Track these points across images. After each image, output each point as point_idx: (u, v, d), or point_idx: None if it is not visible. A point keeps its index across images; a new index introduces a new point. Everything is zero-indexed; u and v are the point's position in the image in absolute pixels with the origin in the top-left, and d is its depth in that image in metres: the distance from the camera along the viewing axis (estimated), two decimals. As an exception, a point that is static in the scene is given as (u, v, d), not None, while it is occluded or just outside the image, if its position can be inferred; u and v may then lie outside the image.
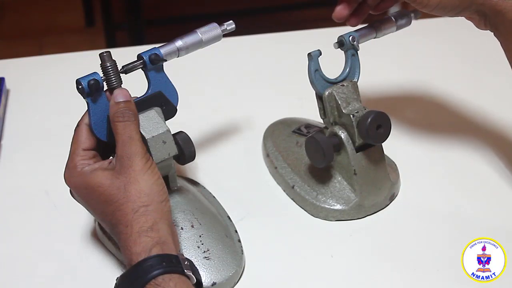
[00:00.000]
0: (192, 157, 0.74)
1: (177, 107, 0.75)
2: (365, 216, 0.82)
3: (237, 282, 0.75)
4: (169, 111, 0.75)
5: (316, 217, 0.83)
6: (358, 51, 0.81)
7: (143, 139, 0.70)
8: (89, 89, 0.69)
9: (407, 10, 0.84)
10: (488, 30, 0.77)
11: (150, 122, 0.72)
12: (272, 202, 0.86)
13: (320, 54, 0.79)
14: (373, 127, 0.77)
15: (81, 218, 0.81)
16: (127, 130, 0.68)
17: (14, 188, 0.89)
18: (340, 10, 0.81)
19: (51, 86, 1.08)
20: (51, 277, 0.76)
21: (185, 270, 0.63)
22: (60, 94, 1.05)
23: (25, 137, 0.98)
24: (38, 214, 0.84)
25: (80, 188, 0.69)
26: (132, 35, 2.27)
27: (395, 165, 0.88)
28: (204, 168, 0.90)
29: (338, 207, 0.82)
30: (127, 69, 0.72)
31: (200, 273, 0.67)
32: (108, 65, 0.71)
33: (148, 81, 0.74)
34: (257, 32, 1.20)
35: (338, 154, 0.81)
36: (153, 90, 0.74)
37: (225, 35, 0.78)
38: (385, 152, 0.83)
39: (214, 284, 0.72)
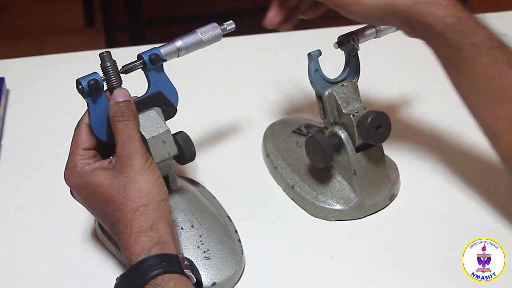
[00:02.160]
0: (192, 157, 0.74)
1: (177, 107, 0.75)
2: (365, 216, 0.82)
3: (237, 282, 0.75)
4: (169, 111, 0.75)
5: (316, 217, 0.83)
6: (358, 51, 0.81)
7: (143, 139, 0.70)
8: (89, 89, 0.69)
9: None
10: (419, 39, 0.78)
11: (150, 122, 0.72)
12: (272, 202, 0.86)
13: (320, 54, 0.79)
14: (373, 127, 0.77)
15: (81, 218, 0.81)
16: (127, 130, 0.68)
17: (14, 188, 0.88)
18: (272, 17, 0.82)
19: (51, 86, 1.08)
20: (51, 277, 0.76)
21: (185, 270, 0.63)
22: (60, 94, 1.05)
23: (25, 137, 0.97)
24: (38, 214, 0.84)
25: (80, 187, 0.69)
26: (132, 35, 2.27)
27: (395, 165, 0.88)
28: (204, 168, 0.90)
29: (338, 207, 0.82)
30: (127, 69, 0.72)
31: (200, 273, 0.67)
32: (108, 65, 0.71)
33: (148, 81, 0.74)
34: (257, 32, 1.20)
35: (338, 154, 0.81)
36: (153, 90, 0.74)
37: (225, 35, 0.78)
38: (385, 152, 0.83)
39: (214, 284, 0.72)
